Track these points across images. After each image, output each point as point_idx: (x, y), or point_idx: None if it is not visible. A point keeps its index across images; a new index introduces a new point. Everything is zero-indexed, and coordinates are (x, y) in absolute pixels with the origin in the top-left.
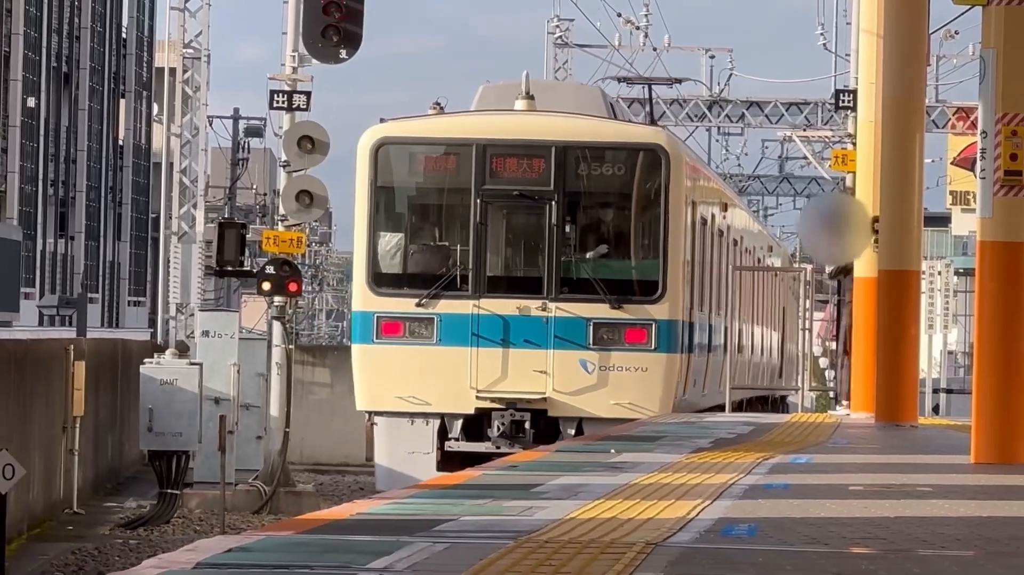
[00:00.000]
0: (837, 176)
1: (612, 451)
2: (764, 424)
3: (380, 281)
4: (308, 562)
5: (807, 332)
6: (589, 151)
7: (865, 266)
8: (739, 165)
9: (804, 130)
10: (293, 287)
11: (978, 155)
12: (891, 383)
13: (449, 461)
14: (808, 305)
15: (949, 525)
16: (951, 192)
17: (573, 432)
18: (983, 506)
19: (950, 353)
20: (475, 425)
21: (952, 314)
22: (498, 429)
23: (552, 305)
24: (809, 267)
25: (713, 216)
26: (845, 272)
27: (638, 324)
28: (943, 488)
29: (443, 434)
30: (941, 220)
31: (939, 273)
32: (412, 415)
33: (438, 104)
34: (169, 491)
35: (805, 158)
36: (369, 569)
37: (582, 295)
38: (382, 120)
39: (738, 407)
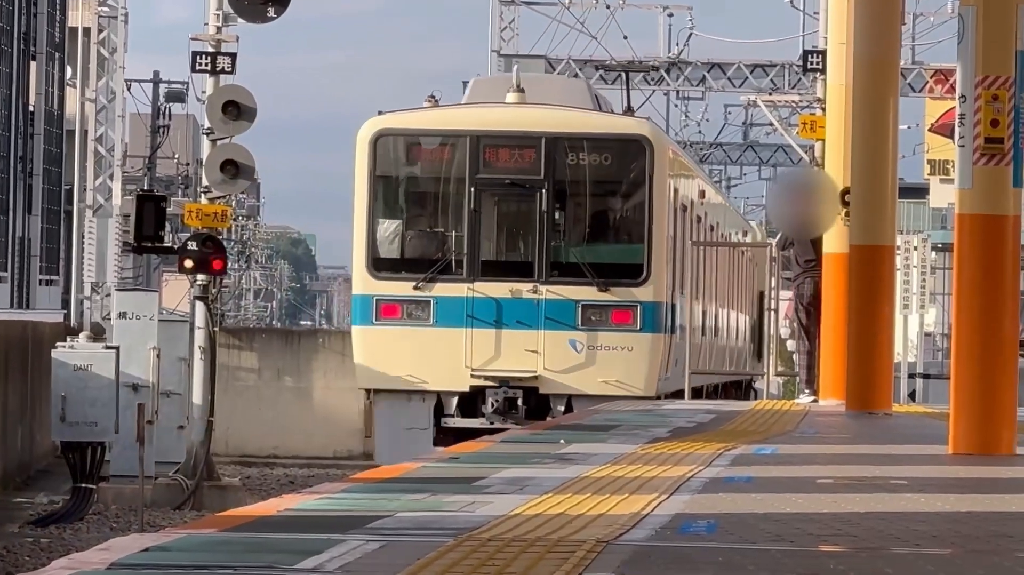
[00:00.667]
0: (805, 144)
1: (562, 441)
2: (727, 412)
3: (379, 266)
4: (231, 562)
5: (773, 313)
6: (577, 141)
7: (835, 241)
8: (700, 132)
9: (770, 94)
10: (217, 265)
11: (957, 121)
12: (863, 368)
13: (445, 436)
14: (774, 283)
15: (925, 521)
16: (929, 161)
17: (563, 409)
18: (961, 500)
19: (927, 335)
20: (470, 402)
21: (929, 293)
22: (492, 406)
23: (543, 288)
24: (774, 242)
25: (692, 202)
26: (792, 243)
27: (624, 306)
28: (919, 481)
29: (439, 411)
30: (918, 191)
31: (915, 248)
32: (410, 392)
33: (433, 97)
34: (83, 485)
35: (771, 124)
36: (297, 569)
37: (571, 278)
38: (380, 112)
39: (713, 392)
